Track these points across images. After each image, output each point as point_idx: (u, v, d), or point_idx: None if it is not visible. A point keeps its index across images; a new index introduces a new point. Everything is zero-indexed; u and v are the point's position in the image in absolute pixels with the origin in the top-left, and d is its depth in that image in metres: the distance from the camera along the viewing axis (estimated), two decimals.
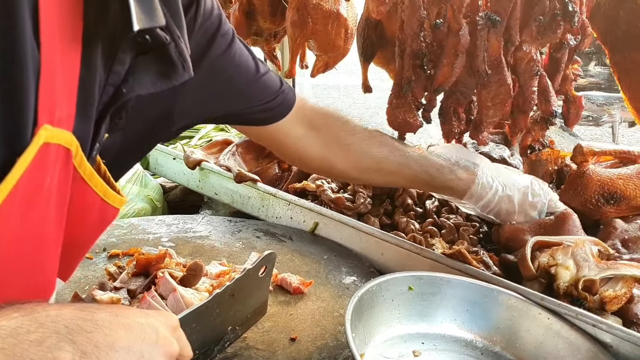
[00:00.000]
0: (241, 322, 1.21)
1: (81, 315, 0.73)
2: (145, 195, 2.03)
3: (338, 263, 1.56)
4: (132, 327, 0.78)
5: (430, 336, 1.25)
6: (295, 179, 2.00)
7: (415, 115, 1.63)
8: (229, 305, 1.15)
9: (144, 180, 2.08)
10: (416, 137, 2.01)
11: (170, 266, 1.35)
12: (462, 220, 1.68)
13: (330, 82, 8.33)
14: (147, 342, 0.78)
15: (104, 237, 1.65)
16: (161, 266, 1.33)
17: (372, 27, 1.89)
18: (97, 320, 0.74)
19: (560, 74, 1.66)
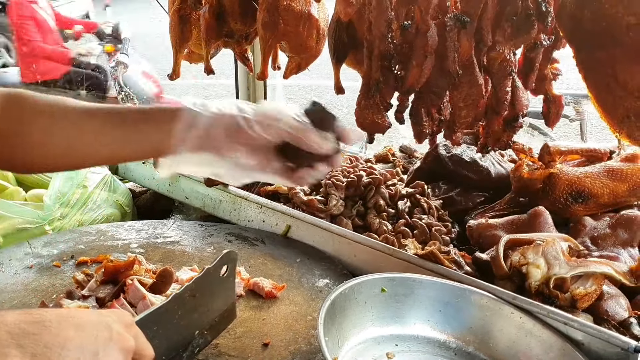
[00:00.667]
0: (209, 327, 1.18)
1: (26, 319, 0.72)
2: (114, 201, 2.00)
3: (311, 266, 1.55)
4: (84, 326, 0.77)
5: (404, 338, 1.25)
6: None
7: (383, 116, 1.62)
8: (192, 307, 1.12)
9: (113, 186, 2.05)
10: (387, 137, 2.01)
11: (139, 273, 1.32)
12: (435, 220, 1.68)
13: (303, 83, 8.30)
14: (100, 340, 0.78)
15: (71, 244, 1.62)
16: (130, 273, 1.31)
17: (343, 28, 1.87)
18: (44, 322, 0.73)
19: (535, 73, 1.66)
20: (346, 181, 1.75)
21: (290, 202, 1.82)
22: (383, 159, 2.16)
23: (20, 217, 1.66)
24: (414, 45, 1.57)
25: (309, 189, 1.83)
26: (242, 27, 2.24)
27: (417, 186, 1.80)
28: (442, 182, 1.88)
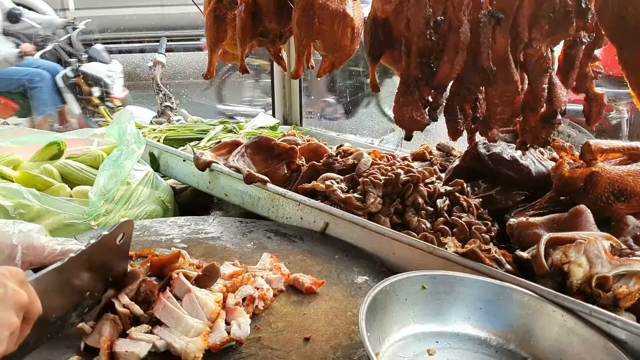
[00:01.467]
0: (101, 289, 1.24)
1: None
2: (156, 197, 2.04)
3: (349, 263, 1.57)
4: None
5: (445, 335, 1.25)
6: (305, 179, 2.00)
7: (422, 113, 1.63)
8: (86, 270, 1.18)
9: (155, 182, 2.09)
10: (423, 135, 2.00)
11: (184, 267, 1.35)
12: (474, 218, 1.68)
13: None
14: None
15: None
16: (175, 267, 1.34)
17: (379, 26, 1.88)
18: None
19: (575, 71, 1.65)
20: (384, 179, 1.76)
21: (328, 199, 1.83)
22: (420, 157, 2.16)
23: (66, 213, 1.71)
24: (446, 40, 1.57)
25: (346, 186, 1.84)
26: (277, 26, 2.27)
27: (456, 184, 1.80)
28: (482, 180, 1.87)
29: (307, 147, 2.26)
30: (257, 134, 2.61)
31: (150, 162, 2.31)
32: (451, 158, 2.20)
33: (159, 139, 2.59)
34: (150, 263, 1.36)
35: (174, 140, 2.65)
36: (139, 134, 2.05)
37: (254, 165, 2.16)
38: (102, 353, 1.13)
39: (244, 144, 2.25)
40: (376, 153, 2.09)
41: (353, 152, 2.05)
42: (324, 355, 1.18)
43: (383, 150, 2.26)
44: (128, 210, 1.88)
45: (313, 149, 2.23)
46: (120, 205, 1.87)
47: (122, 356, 1.13)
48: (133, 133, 2.01)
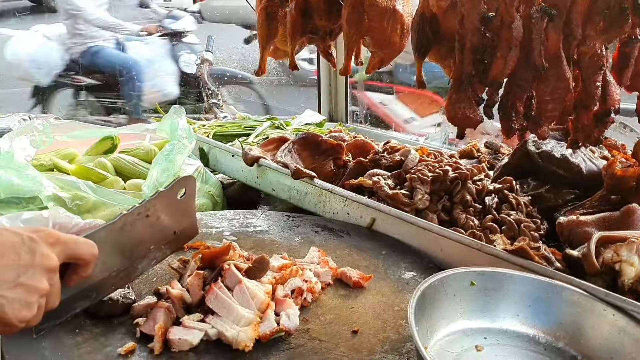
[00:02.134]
0: (167, 242, 1.33)
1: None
2: (206, 191, 2.08)
3: (397, 258, 1.58)
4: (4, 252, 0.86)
5: (493, 331, 1.25)
6: (352, 175, 2.02)
7: (475, 110, 1.62)
8: (146, 226, 1.26)
9: (205, 177, 2.13)
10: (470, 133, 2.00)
11: (234, 258, 1.38)
12: (523, 216, 1.67)
13: None
14: (22, 263, 0.88)
15: None
16: (226, 258, 1.37)
17: (428, 22, 1.88)
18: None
19: (630, 69, 1.62)
20: (432, 176, 1.76)
21: (375, 195, 1.84)
22: (467, 155, 2.15)
23: (120, 205, 1.76)
24: (499, 37, 1.56)
25: (393, 182, 1.85)
26: (327, 23, 2.29)
27: (505, 182, 1.79)
28: (531, 178, 1.86)
29: (353, 143, 2.27)
30: (304, 130, 2.64)
31: (200, 157, 2.36)
32: (499, 156, 2.18)
33: (208, 135, 2.64)
34: (202, 255, 1.40)
35: (222, 136, 2.70)
36: (190, 130, 2.09)
37: (301, 161, 2.18)
38: (156, 340, 1.17)
39: (291, 140, 2.28)
40: (423, 150, 2.09)
41: (400, 148, 2.05)
42: (372, 348, 1.20)
43: (430, 147, 2.25)
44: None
45: (360, 146, 2.24)
46: None
47: (175, 343, 1.17)
48: (185, 128, 2.06)
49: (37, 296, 0.93)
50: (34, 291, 0.92)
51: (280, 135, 2.47)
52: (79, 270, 1.05)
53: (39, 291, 0.93)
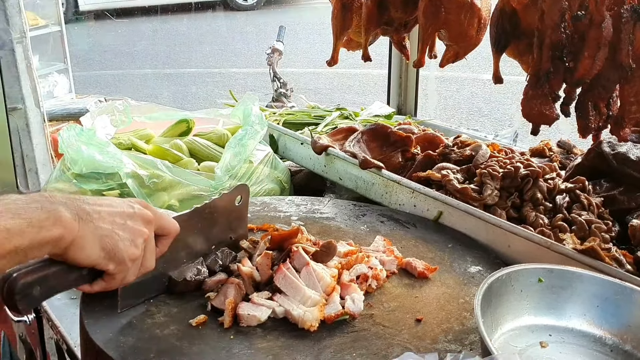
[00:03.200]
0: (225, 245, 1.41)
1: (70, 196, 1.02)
2: (275, 177, 2.13)
3: (463, 252, 1.58)
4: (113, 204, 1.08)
5: (558, 329, 1.24)
6: (420, 168, 2.02)
7: (552, 107, 1.60)
8: (209, 223, 1.35)
9: (274, 163, 2.18)
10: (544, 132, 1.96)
11: (302, 242, 1.42)
12: (595, 217, 1.63)
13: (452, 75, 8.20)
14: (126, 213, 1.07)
15: None
16: (294, 241, 1.40)
17: (507, 17, 1.86)
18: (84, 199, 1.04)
19: None
20: (502, 172, 1.75)
21: (443, 189, 1.84)
22: (539, 153, 2.11)
23: (195, 185, 1.83)
24: (587, 35, 1.53)
25: (462, 177, 1.84)
26: (403, 15, 2.29)
27: (577, 181, 1.76)
28: (604, 179, 1.81)
29: (423, 136, 2.27)
30: (373, 121, 2.65)
31: (270, 144, 2.41)
32: (572, 156, 2.13)
33: (278, 122, 2.69)
34: (271, 236, 1.44)
35: (291, 124, 2.74)
36: (262, 116, 2.14)
37: (369, 151, 2.20)
38: (226, 314, 1.22)
39: (360, 130, 2.30)
40: (494, 146, 2.07)
41: (471, 143, 2.04)
42: (435, 337, 1.21)
43: (501, 144, 2.23)
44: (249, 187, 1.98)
45: (429, 139, 2.24)
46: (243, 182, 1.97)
47: (244, 318, 1.21)
48: (257, 115, 2.11)
49: (141, 239, 1.09)
50: (139, 234, 1.08)
51: (349, 125, 2.49)
52: (159, 243, 1.17)
53: (142, 234, 1.09)
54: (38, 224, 0.92)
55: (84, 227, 0.99)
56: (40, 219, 0.92)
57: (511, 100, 5.99)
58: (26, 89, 2.37)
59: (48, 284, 1.01)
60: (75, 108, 4.03)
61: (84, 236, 0.99)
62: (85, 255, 1.00)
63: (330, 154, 2.17)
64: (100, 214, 1.03)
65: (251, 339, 1.18)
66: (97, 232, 1.01)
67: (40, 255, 0.96)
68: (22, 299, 0.98)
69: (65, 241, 0.96)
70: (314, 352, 1.15)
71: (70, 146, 1.91)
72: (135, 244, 1.07)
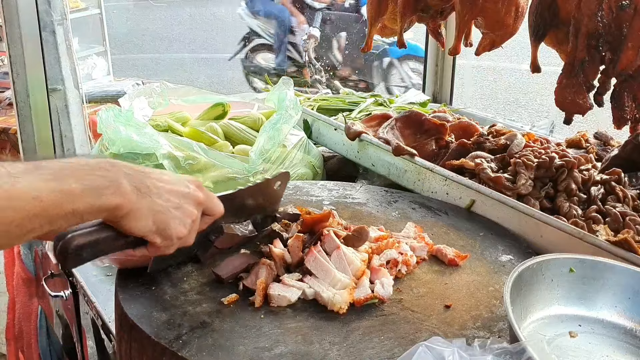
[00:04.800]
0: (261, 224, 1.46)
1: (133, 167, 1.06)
2: (308, 162, 2.15)
3: (494, 241, 1.57)
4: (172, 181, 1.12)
5: (588, 319, 1.24)
6: (453, 156, 2.02)
7: (585, 96, 1.58)
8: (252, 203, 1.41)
9: (307, 148, 2.20)
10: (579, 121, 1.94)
11: (333, 225, 1.43)
12: (630, 209, 1.62)
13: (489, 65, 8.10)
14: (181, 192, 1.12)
15: None
16: (326, 225, 1.42)
17: (546, 6, 1.84)
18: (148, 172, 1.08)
19: None
20: (537, 161, 1.73)
21: (476, 177, 1.83)
22: (575, 145, 2.09)
23: (229, 167, 1.86)
24: (631, 25, 1.51)
25: (496, 166, 1.84)
26: (439, 2, 2.27)
27: (613, 173, 1.74)
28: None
29: (457, 124, 2.26)
30: (407, 108, 2.64)
31: (304, 129, 2.42)
32: (608, 148, 2.10)
33: (312, 108, 2.70)
34: (303, 220, 1.46)
35: (325, 109, 2.75)
36: (296, 101, 2.16)
37: (402, 138, 2.20)
38: (257, 293, 1.24)
39: (393, 117, 2.30)
40: (530, 136, 2.05)
41: (506, 132, 2.03)
42: (464, 324, 1.21)
43: (537, 134, 2.21)
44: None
45: (464, 127, 2.23)
46: (276, 166, 1.99)
47: (274, 298, 1.24)
48: (292, 100, 2.12)
49: (190, 219, 1.13)
50: (189, 214, 1.13)
51: (383, 112, 2.49)
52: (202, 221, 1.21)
53: (192, 215, 1.14)
54: (99, 191, 0.96)
55: (141, 200, 1.03)
56: (102, 187, 0.97)
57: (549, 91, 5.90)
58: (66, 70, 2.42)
59: (98, 247, 1.06)
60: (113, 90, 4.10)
61: (140, 209, 1.03)
62: (138, 227, 1.05)
63: (363, 140, 2.18)
64: (159, 190, 1.08)
65: (281, 319, 1.20)
66: (153, 207, 1.06)
67: (95, 219, 1.01)
68: (73, 259, 1.04)
69: (122, 211, 1.00)
70: (342, 334, 1.17)
71: (109, 126, 1.95)
72: (184, 224, 1.12)
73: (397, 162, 2.03)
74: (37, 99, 2.38)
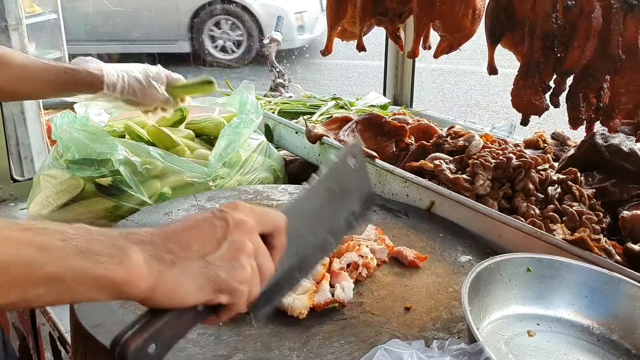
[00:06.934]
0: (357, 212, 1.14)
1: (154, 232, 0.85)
2: (269, 165, 2.13)
3: (454, 241, 1.58)
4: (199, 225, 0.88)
5: (546, 318, 1.25)
6: (413, 157, 2.02)
7: (542, 97, 1.61)
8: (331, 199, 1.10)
9: (268, 151, 2.18)
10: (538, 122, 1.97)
11: None
12: (586, 208, 1.64)
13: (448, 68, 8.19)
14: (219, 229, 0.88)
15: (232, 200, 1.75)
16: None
17: (502, 8, 1.86)
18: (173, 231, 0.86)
19: None
20: (495, 162, 1.75)
21: (435, 179, 1.84)
22: (533, 145, 2.11)
23: (188, 172, 1.83)
24: (576, 25, 1.54)
25: (455, 167, 1.85)
26: (397, 5, 2.28)
27: (569, 172, 1.76)
28: (597, 171, 1.82)
29: (417, 126, 2.27)
30: (368, 111, 2.65)
31: (265, 133, 2.40)
32: (565, 148, 2.14)
33: (273, 111, 2.68)
34: None
35: (287, 113, 2.74)
36: (258, 105, 2.14)
37: (363, 141, 2.20)
38: None
39: (354, 120, 2.30)
40: (488, 137, 2.07)
41: (464, 134, 2.05)
42: (424, 325, 1.22)
43: (495, 135, 2.23)
44: (243, 175, 1.99)
45: (423, 129, 2.24)
46: (236, 170, 1.97)
47: None
48: (253, 103, 2.10)
49: (244, 255, 0.87)
50: (239, 250, 0.87)
51: (344, 115, 2.49)
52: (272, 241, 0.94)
53: (244, 249, 0.87)
54: (95, 257, 0.76)
55: (167, 270, 0.82)
56: (100, 253, 0.77)
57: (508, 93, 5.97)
58: None
59: (164, 336, 0.84)
60: None
61: (170, 280, 0.82)
62: (181, 300, 0.84)
63: (324, 143, 2.17)
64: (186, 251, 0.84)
65: (239, 326, 1.19)
66: (188, 271, 0.84)
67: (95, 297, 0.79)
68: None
69: (137, 288, 0.80)
70: (302, 339, 1.16)
71: (64, 132, 1.90)
72: (240, 265, 0.87)
73: None
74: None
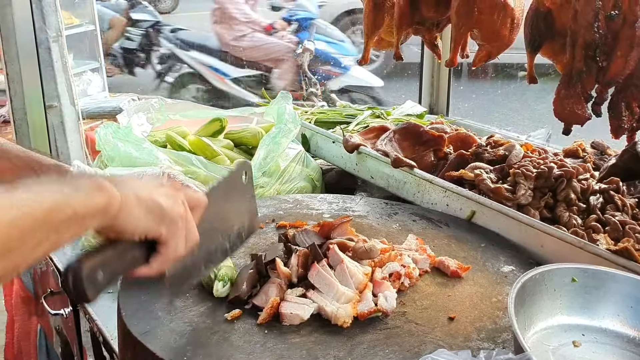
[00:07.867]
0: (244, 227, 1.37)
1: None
2: (306, 175, 2.15)
3: (495, 252, 1.58)
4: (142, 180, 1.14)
5: (591, 329, 1.24)
6: (452, 167, 2.02)
7: (584, 106, 1.60)
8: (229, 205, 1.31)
9: (306, 161, 2.20)
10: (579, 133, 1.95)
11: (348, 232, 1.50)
12: (629, 218, 1.62)
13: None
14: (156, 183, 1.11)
15: (272, 209, 1.79)
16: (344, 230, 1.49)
17: (542, 17, 1.86)
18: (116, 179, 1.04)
19: None
20: (536, 172, 1.74)
21: (475, 188, 1.84)
22: (573, 154, 2.10)
23: None
24: (619, 35, 1.53)
25: (495, 176, 1.84)
26: (435, 14, 2.29)
27: (611, 182, 1.75)
28: (639, 180, 1.80)
29: (455, 135, 2.27)
30: (404, 120, 2.65)
31: (302, 143, 2.43)
32: (605, 157, 2.12)
33: (310, 121, 2.71)
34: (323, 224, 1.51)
35: (323, 122, 2.76)
36: (295, 115, 2.17)
37: (401, 150, 2.21)
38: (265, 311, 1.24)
39: (392, 129, 2.31)
40: (528, 146, 2.06)
41: (504, 143, 2.04)
42: (468, 336, 1.22)
43: (534, 144, 2.22)
44: (282, 185, 2.01)
45: (462, 138, 2.24)
46: (275, 179, 2.00)
47: (287, 317, 1.24)
48: (291, 113, 2.13)
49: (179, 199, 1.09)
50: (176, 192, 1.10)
51: (381, 124, 2.50)
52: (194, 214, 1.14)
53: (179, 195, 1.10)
54: (87, 192, 0.94)
55: (125, 195, 1.00)
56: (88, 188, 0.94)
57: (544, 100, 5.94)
58: (62, 87, 2.42)
59: (110, 267, 1.01)
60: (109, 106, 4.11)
61: (128, 202, 1.00)
62: (135, 221, 1.02)
63: (361, 153, 2.18)
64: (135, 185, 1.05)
65: (285, 334, 1.21)
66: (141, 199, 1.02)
67: (94, 225, 0.97)
68: (90, 285, 0.97)
69: (113, 209, 0.97)
70: (347, 348, 1.17)
71: (107, 143, 1.96)
72: (176, 202, 1.08)
73: (396, 174, 2.04)
74: (35, 116, 2.38)
